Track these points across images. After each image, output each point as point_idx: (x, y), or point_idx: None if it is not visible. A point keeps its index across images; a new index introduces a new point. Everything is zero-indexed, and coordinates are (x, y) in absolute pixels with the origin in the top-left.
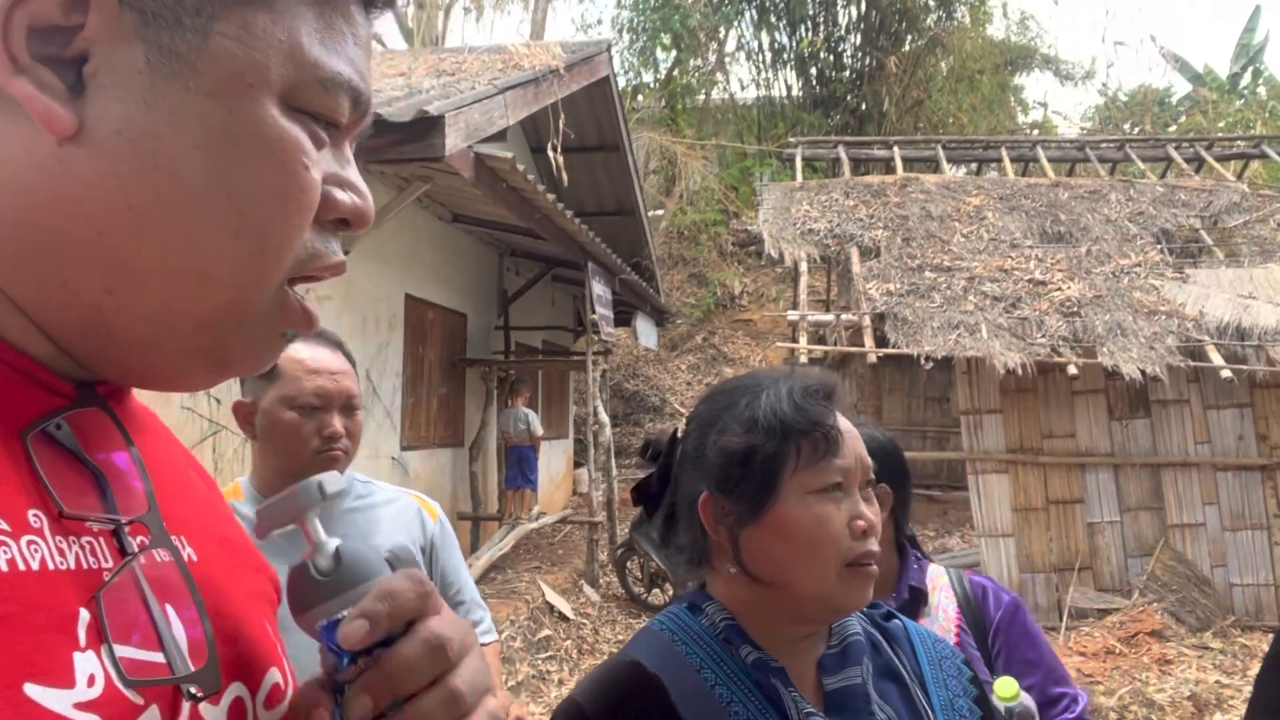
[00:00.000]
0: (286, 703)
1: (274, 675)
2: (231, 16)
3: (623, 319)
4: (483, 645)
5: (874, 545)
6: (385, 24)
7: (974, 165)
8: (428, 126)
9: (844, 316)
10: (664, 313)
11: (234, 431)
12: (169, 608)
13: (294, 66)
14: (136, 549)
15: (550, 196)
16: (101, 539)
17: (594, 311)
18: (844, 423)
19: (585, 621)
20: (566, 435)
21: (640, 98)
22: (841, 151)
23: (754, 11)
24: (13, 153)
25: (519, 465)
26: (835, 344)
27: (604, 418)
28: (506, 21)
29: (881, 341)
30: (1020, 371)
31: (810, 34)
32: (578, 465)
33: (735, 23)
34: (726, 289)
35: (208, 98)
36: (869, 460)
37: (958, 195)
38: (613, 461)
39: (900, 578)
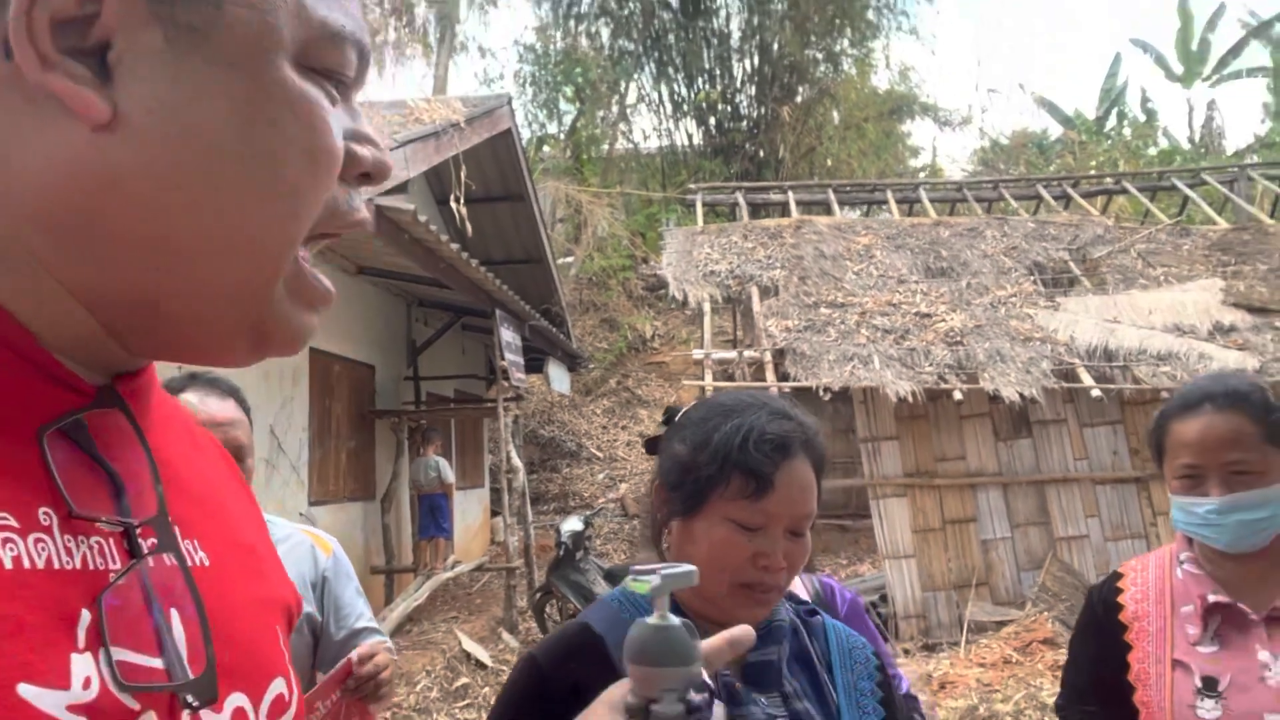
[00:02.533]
0: (291, 714)
1: (279, 685)
2: None
3: (535, 365)
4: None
5: (774, 579)
6: None
7: (864, 207)
8: None
9: (746, 353)
10: (576, 358)
11: None
12: (174, 613)
13: (303, 25)
14: (144, 551)
15: (455, 247)
16: (111, 540)
17: (503, 358)
18: (795, 474)
19: (504, 668)
20: (482, 484)
21: (546, 148)
22: (740, 197)
23: (653, 65)
24: (48, 147)
25: (432, 514)
26: (740, 379)
27: (517, 463)
28: (408, 76)
29: (783, 376)
30: (912, 399)
31: (707, 86)
32: (494, 514)
33: (635, 76)
34: (638, 333)
35: (229, 67)
36: (807, 510)
37: (848, 236)
38: (528, 508)
39: None
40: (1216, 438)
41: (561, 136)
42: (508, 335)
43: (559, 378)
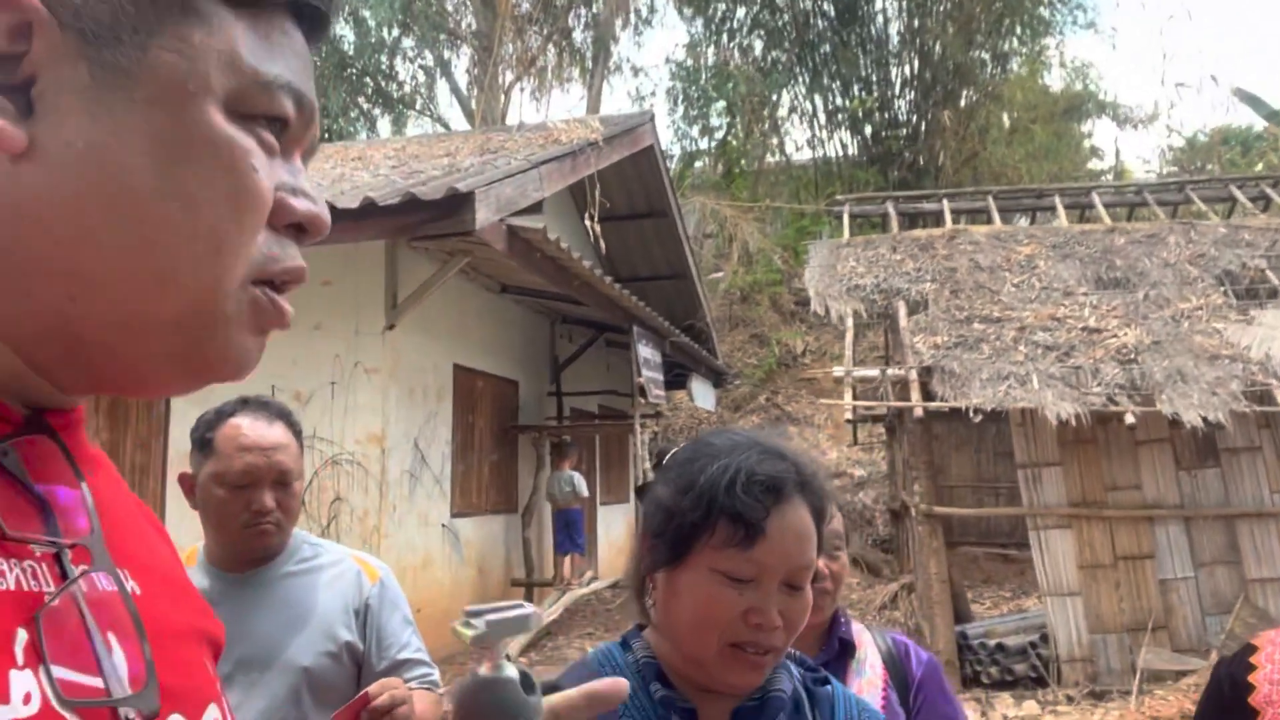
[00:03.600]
0: None
1: (214, 711)
2: (168, 31)
3: (679, 382)
4: (421, 687)
5: (769, 639)
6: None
7: (1028, 214)
8: (459, 202)
9: (890, 371)
10: (721, 374)
11: (358, 462)
12: (110, 634)
13: (233, 74)
14: (77, 573)
15: (587, 263)
16: (44, 564)
17: (641, 374)
18: (790, 519)
19: None
20: (626, 499)
21: (697, 164)
22: (890, 207)
23: (806, 75)
24: None
25: (566, 529)
26: (883, 399)
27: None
28: (565, 100)
29: (930, 396)
30: (1077, 422)
31: (863, 93)
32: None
33: (788, 87)
34: (788, 348)
35: (151, 106)
36: (804, 560)
37: (1008, 245)
38: None
39: (831, 631)
40: None
41: (712, 151)
42: (646, 351)
43: (703, 394)
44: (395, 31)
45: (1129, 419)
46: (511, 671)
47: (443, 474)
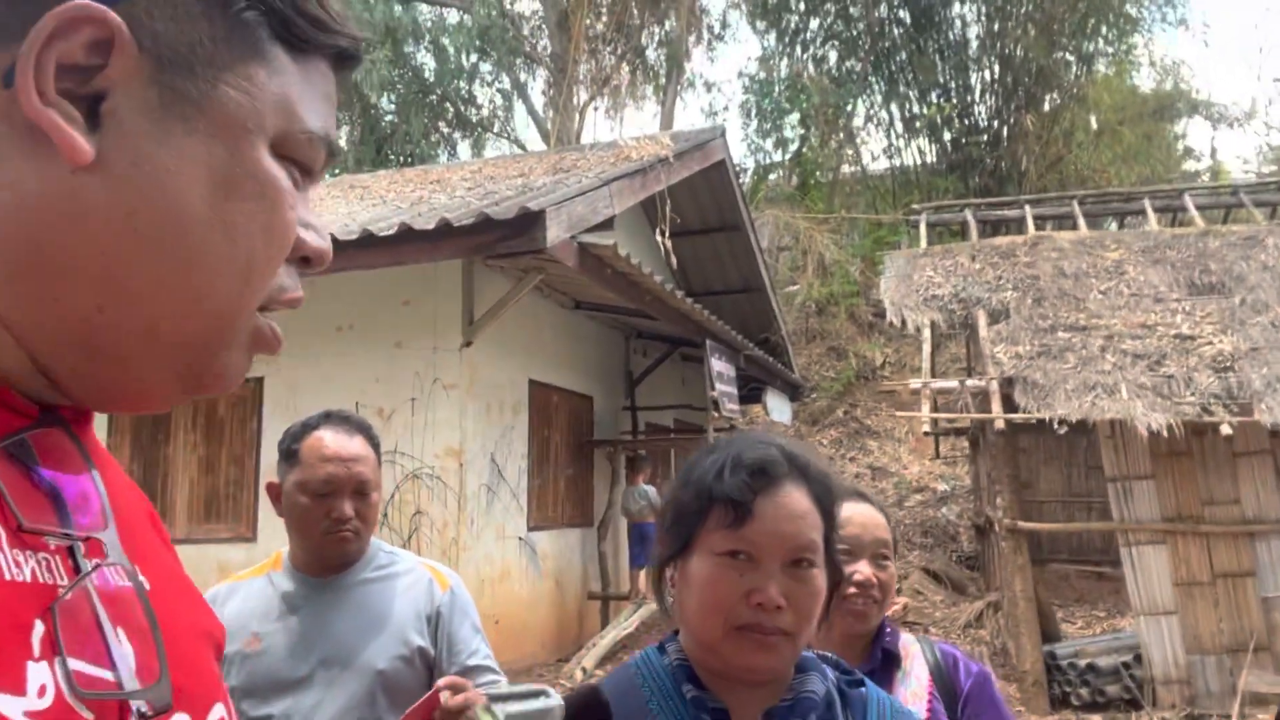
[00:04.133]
0: None
1: (220, 709)
2: (238, 69)
3: (755, 395)
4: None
5: (771, 619)
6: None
7: (1116, 219)
8: (530, 221)
9: (970, 382)
10: (797, 387)
11: (438, 476)
12: (119, 629)
13: (285, 118)
14: (90, 567)
15: (658, 278)
16: (58, 556)
17: (714, 389)
18: (782, 500)
19: None
20: None
21: (772, 177)
22: (969, 215)
23: (882, 83)
24: (24, 177)
25: (641, 542)
26: (963, 411)
27: None
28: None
29: (1013, 408)
30: (1169, 433)
31: (941, 100)
32: None
33: (863, 96)
34: (867, 361)
35: (213, 138)
36: (802, 539)
37: (1094, 251)
38: None
39: (875, 642)
40: None
41: (787, 164)
42: (719, 365)
43: (778, 407)
44: (473, 57)
45: (1225, 429)
46: None
47: (519, 488)
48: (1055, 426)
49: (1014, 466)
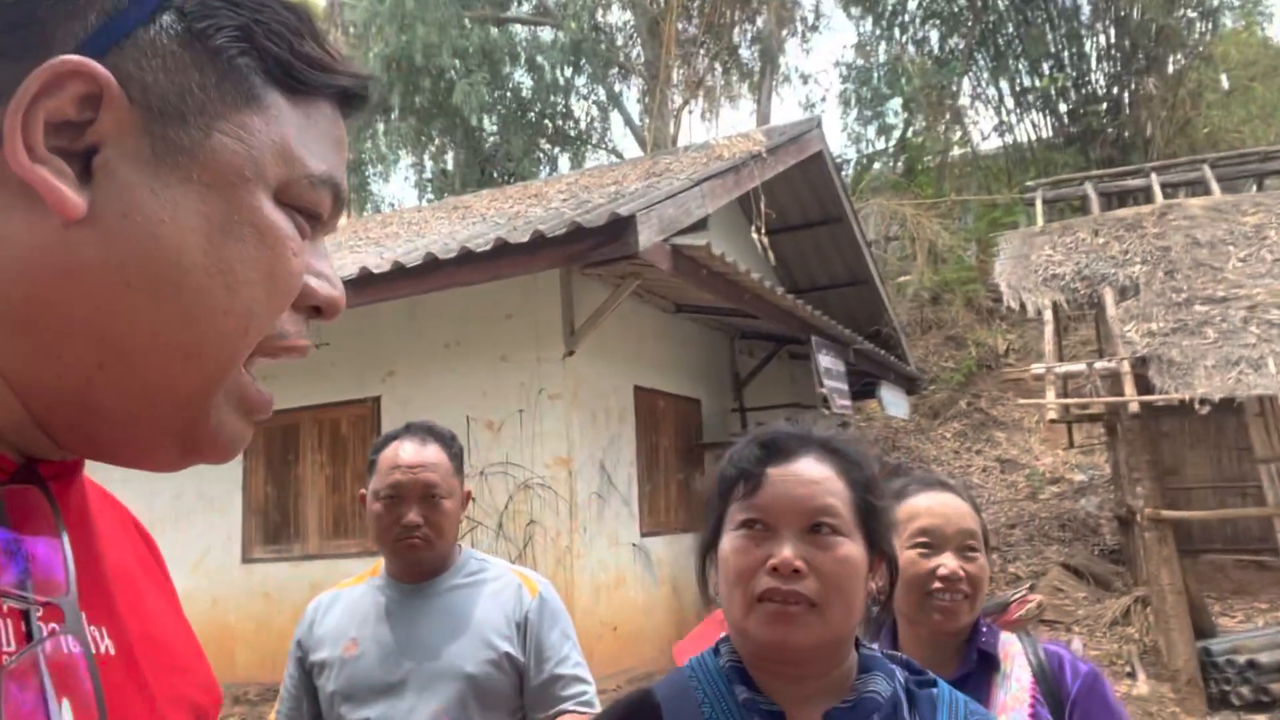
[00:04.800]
0: None
1: None
2: (232, 117)
3: (868, 390)
4: (577, 713)
5: (789, 584)
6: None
7: (1252, 181)
8: (621, 226)
9: (1099, 364)
10: (914, 380)
11: (549, 485)
12: (65, 701)
13: (285, 165)
14: (45, 635)
15: (756, 276)
16: (9, 620)
17: (823, 385)
18: (794, 468)
19: None
20: None
21: (876, 165)
22: (1089, 188)
23: (989, 59)
24: (17, 233)
25: None
26: (1093, 395)
27: None
28: (734, 116)
29: (1148, 389)
30: None
31: (1055, 71)
32: None
33: (968, 74)
34: (988, 348)
35: (209, 188)
36: (818, 502)
37: (1230, 217)
38: None
39: (969, 642)
40: None
41: (892, 151)
42: (826, 361)
43: (894, 401)
44: (568, 72)
45: None
46: None
47: (629, 494)
48: (1197, 407)
49: (1155, 452)
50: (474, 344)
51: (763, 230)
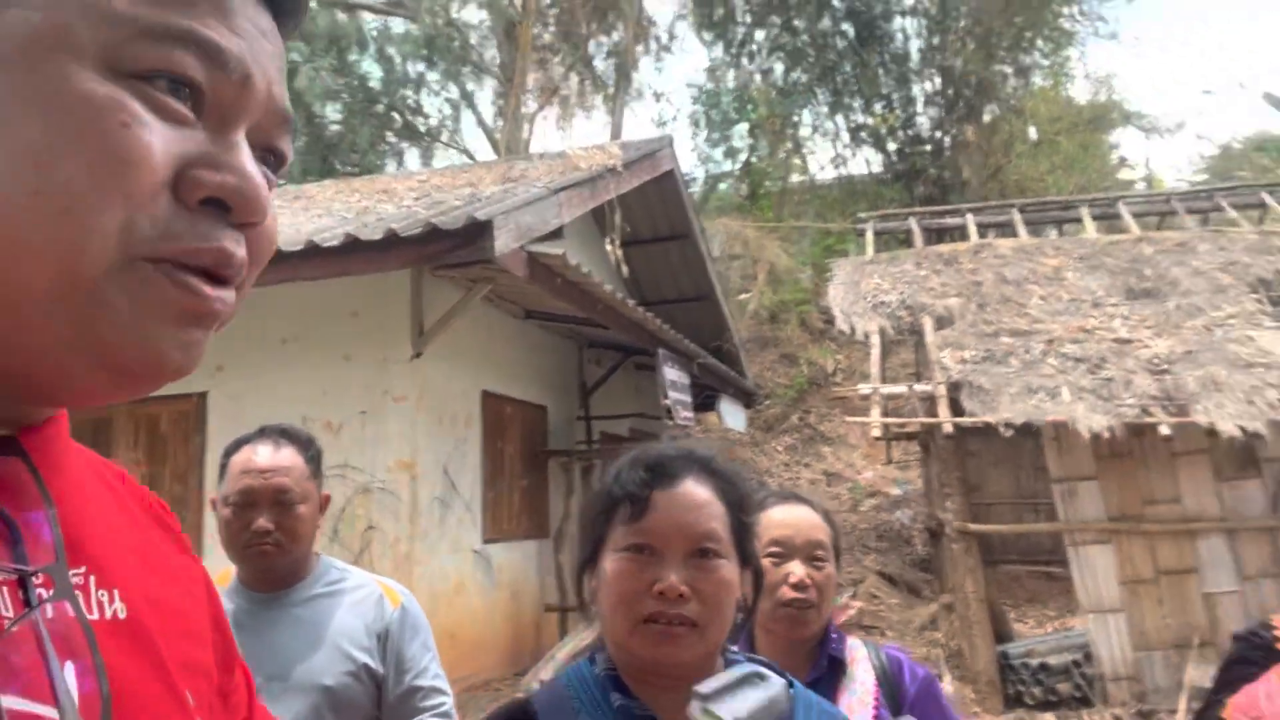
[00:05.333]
0: None
1: None
2: None
3: (709, 403)
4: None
5: (675, 608)
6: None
7: (1055, 226)
8: (478, 231)
9: (917, 387)
10: (751, 395)
11: (390, 490)
12: (69, 664)
13: (108, 27)
14: (42, 600)
15: (609, 287)
16: (6, 588)
17: (668, 397)
18: (680, 493)
19: None
20: None
21: (722, 186)
22: (914, 223)
23: (828, 94)
24: None
25: None
26: (912, 415)
27: None
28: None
29: (959, 412)
30: (1110, 435)
31: (885, 111)
32: None
33: (810, 106)
34: (819, 367)
35: (2, 66)
36: (702, 527)
37: (1034, 257)
38: None
39: (820, 647)
40: None
41: (736, 173)
42: (672, 374)
43: (733, 414)
44: (420, 66)
45: (1164, 430)
46: None
47: (473, 500)
48: (1002, 430)
49: (963, 470)
50: (315, 341)
51: (617, 243)
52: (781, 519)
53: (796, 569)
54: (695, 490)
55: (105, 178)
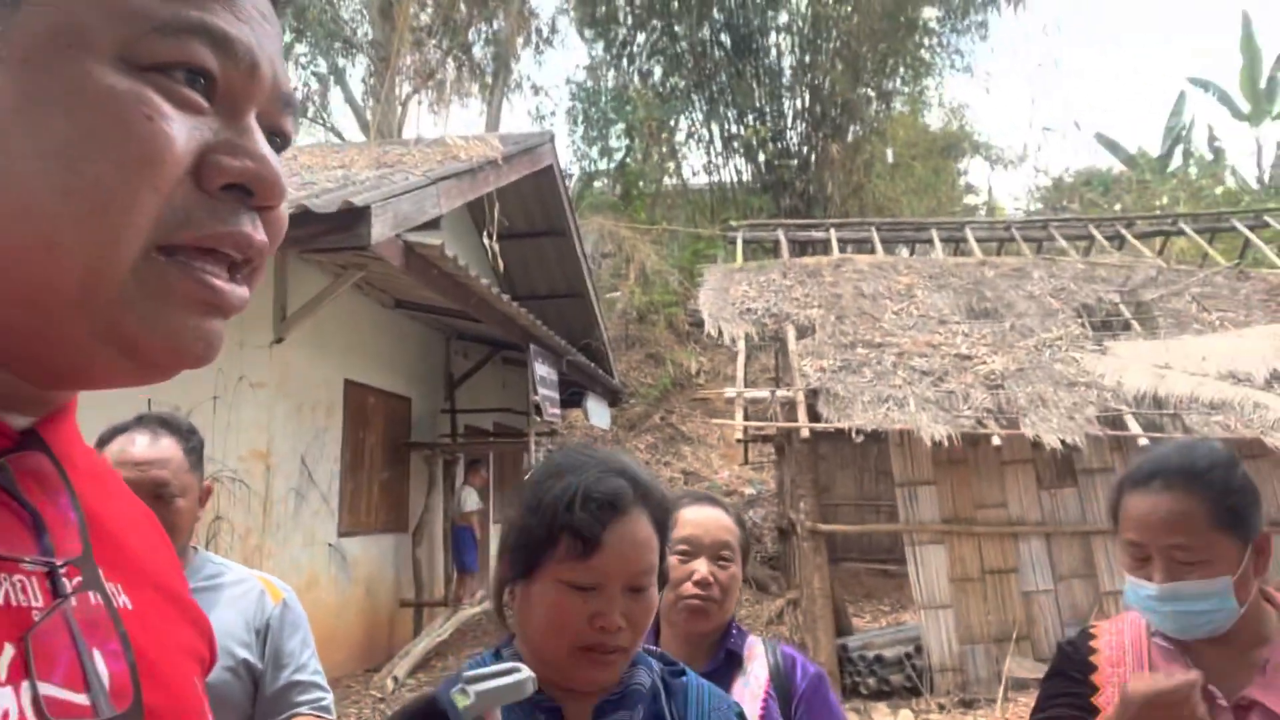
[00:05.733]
0: None
1: None
2: None
3: (575, 400)
4: (315, 717)
5: (613, 640)
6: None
7: (909, 246)
8: (354, 217)
9: (779, 393)
10: (617, 393)
11: (241, 480)
12: (96, 651)
13: (123, 22)
14: (69, 590)
15: (485, 281)
16: (34, 579)
17: (537, 393)
18: (628, 530)
19: None
20: None
21: (596, 184)
22: (781, 234)
23: (704, 102)
24: None
25: (456, 548)
26: (772, 419)
27: None
28: (464, 114)
29: (816, 417)
30: (949, 443)
31: (757, 123)
32: None
33: (686, 112)
34: (683, 369)
35: (22, 65)
36: (643, 565)
37: (889, 275)
38: None
39: (720, 642)
40: (1160, 519)
41: (611, 173)
42: (542, 370)
43: (598, 412)
44: (288, 36)
45: (995, 440)
46: None
47: (330, 492)
48: (854, 435)
49: (815, 472)
50: None
51: (494, 236)
52: (692, 518)
53: (701, 567)
54: (642, 527)
55: (134, 174)
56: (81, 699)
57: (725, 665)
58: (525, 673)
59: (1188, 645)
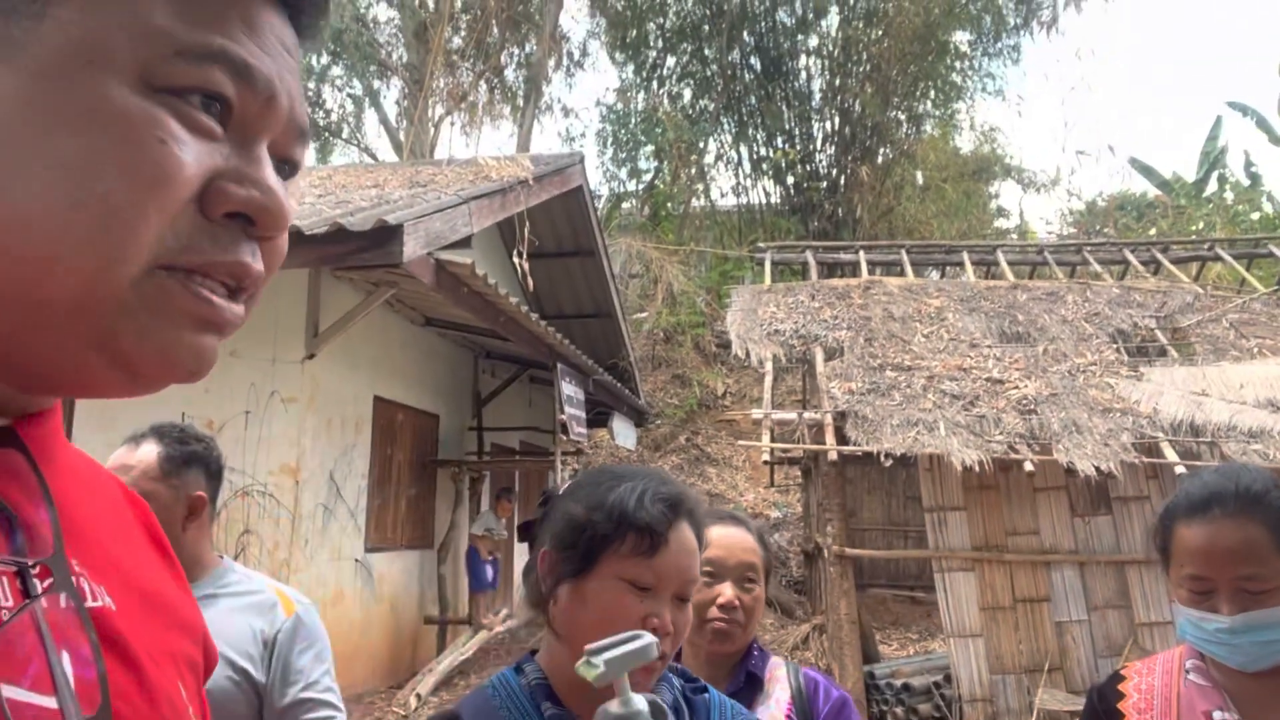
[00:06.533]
0: None
1: None
2: (69, 1)
3: (601, 420)
4: None
5: (661, 647)
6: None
7: (939, 269)
8: (387, 235)
9: (807, 415)
10: (643, 413)
11: (270, 494)
12: (65, 653)
13: (146, 43)
14: (40, 591)
15: (514, 300)
16: (4, 579)
17: (563, 412)
18: (684, 535)
19: None
20: None
21: (625, 205)
22: (810, 256)
23: (733, 125)
24: None
25: (472, 570)
26: (799, 442)
27: None
28: (495, 136)
29: (844, 440)
30: (980, 469)
31: (786, 145)
32: None
33: (715, 135)
34: (709, 390)
35: (37, 76)
36: (693, 574)
37: (919, 297)
38: None
39: (741, 663)
40: (1226, 549)
41: (640, 194)
42: (569, 389)
43: (624, 432)
44: (324, 59)
45: (1028, 466)
46: (640, 704)
47: (358, 507)
48: (882, 459)
49: (842, 496)
50: None
51: (524, 255)
52: (717, 539)
53: (726, 590)
54: (691, 536)
55: (142, 193)
56: (49, 702)
57: (746, 687)
58: (647, 638)
59: (1229, 677)
